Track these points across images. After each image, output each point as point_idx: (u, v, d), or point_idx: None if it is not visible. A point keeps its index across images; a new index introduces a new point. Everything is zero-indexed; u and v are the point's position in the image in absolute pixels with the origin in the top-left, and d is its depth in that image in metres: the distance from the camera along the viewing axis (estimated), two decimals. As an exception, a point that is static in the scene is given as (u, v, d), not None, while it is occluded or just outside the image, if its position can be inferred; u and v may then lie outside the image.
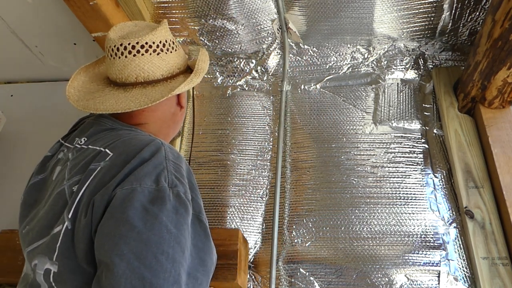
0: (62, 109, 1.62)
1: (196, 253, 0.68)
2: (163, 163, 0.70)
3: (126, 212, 0.62)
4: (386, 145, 1.32)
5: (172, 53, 0.88)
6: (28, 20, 1.44)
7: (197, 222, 0.71)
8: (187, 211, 0.67)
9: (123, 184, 0.65)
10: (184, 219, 0.66)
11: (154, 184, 0.66)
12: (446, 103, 1.33)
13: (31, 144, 1.59)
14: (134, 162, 0.68)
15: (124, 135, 0.78)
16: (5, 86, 1.80)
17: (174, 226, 0.63)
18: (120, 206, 0.63)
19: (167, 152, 0.73)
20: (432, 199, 1.21)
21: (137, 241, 0.60)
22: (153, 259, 0.59)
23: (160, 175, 0.67)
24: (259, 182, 1.34)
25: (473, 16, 1.37)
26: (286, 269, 1.18)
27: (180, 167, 0.73)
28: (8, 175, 1.53)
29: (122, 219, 0.61)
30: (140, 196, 0.64)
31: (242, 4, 1.41)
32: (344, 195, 1.25)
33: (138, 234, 0.60)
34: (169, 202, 0.65)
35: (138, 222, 0.61)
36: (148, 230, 0.61)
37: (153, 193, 0.65)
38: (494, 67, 1.11)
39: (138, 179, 0.66)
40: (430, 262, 1.12)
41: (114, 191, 0.65)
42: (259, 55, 1.59)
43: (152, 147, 0.72)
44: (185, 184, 0.70)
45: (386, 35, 1.47)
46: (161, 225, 0.62)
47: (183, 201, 0.67)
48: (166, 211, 0.64)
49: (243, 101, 1.53)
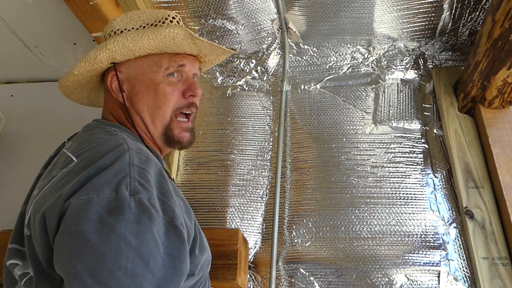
0: (62, 109, 1.63)
1: (171, 262, 0.62)
2: (126, 169, 0.65)
3: (81, 225, 0.57)
4: (386, 145, 1.32)
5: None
6: (28, 20, 1.44)
7: (172, 229, 0.64)
8: (152, 219, 0.61)
9: (78, 194, 0.60)
10: (148, 228, 0.60)
11: (114, 192, 0.61)
12: (446, 103, 1.33)
13: (31, 144, 1.59)
14: (92, 170, 0.64)
15: (95, 139, 0.75)
16: (5, 86, 1.80)
17: (134, 237, 0.58)
18: (75, 218, 0.58)
19: (132, 157, 0.67)
20: (432, 199, 1.21)
21: (91, 257, 0.55)
22: (109, 275, 0.54)
23: (121, 182, 0.62)
24: (259, 182, 1.34)
25: (473, 16, 1.37)
26: (286, 269, 1.18)
27: (146, 171, 0.67)
28: (8, 175, 1.53)
29: (76, 233, 0.57)
30: (97, 207, 0.59)
31: (242, 4, 1.41)
32: (344, 195, 1.25)
33: (92, 249, 0.55)
34: (129, 211, 0.59)
35: (93, 235, 0.56)
36: (104, 244, 0.56)
37: (112, 202, 0.60)
38: (494, 67, 1.10)
39: (96, 188, 0.61)
40: (430, 262, 1.11)
41: (69, 201, 0.60)
42: (259, 55, 1.59)
43: (116, 153, 0.67)
44: (150, 189, 0.65)
45: (386, 35, 1.47)
46: (118, 237, 0.57)
47: (147, 209, 0.61)
48: (125, 221, 0.58)
49: (243, 101, 1.53)
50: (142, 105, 0.84)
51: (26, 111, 1.69)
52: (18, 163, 1.55)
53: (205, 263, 0.79)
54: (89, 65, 0.84)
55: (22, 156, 1.57)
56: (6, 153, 1.59)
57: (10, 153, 1.59)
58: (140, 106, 0.84)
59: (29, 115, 1.68)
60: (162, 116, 0.85)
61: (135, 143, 0.74)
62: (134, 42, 0.82)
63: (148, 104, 0.84)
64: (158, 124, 0.85)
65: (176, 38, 0.83)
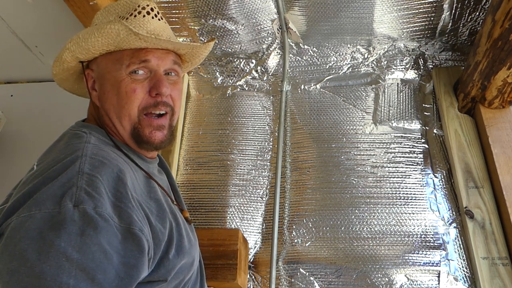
0: (62, 109, 1.62)
1: (126, 272, 0.59)
2: (73, 179, 0.61)
3: (19, 243, 0.54)
4: (386, 145, 1.32)
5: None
6: (28, 20, 1.44)
7: (129, 236, 0.61)
8: (98, 229, 0.57)
9: (21, 211, 0.57)
10: (93, 239, 0.56)
11: (57, 206, 0.57)
12: (446, 103, 1.33)
13: (31, 144, 1.59)
14: (38, 183, 0.60)
15: (58, 146, 0.72)
16: (5, 86, 1.80)
17: (77, 251, 0.54)
18: (14, 236, 0.55)
19: (82, 164, 0.63)
20: (432, 199, 1.21)
21: (30, 277, 0.52)
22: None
23: (66, 194, 0.58)
24: (259, 182, 1.34)
25: (473, 16, 1.37)
26: (286, 269, 1.18)
27: (96, 177, 0.62)
28: (8, 175, 1.53)
29: (15, 253, 0.54)
30: (39, 223, 0.55)
31: (242, 4, 1.41)
32: (344, 195, 1.25)
33: (30, 268, 0.52)
34: (71, 224, 0.56)
35: (32, 253, 0.53)
36: (42, 262, 0.53)
37: (55, 216, 0.56)
38: (494, 67, 1.11)
39: (39, 203, 0.57)
40: (430, 262, 1.12)
41: (11, 219, 0.57)
42: (259, 55, 1.59)
43: (66, 163, 0.63)
44: (97, 197, 0.60)
45: (386, 35, 1.47)
46: (57, 253, 0.53)
47: (91, 219, 0.57)
48: (66, 234, 0.55)
49: (243, 101, 1.53)
50: (109, 105, 0.78)
51: (26, 111, 1.69)
52: (18, 163, 1.56)
53: (184, 268, 0.76)
54: (60, 65, 0.81)
55: (22, 156, 1.57)
56: (6, 153, 1.59)
57: (10, 153, 1.59)
58: (107, 106, 0.79)
59: (29, 115, 1.68)
60: (128, 117, 0.77)
61: (96, 147, 0.70)
62: (85, 41, 0.76)
63: (113, 103, 0.78)
64: (125, 125, 0.78)
65: (120, 35, 0.75)
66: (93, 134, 0.75)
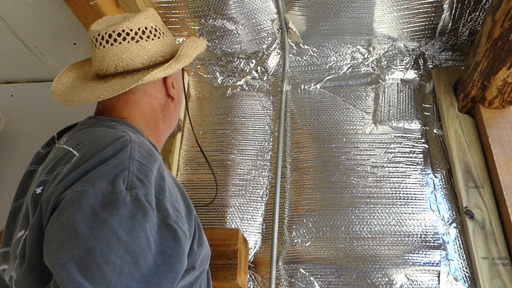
0: (62, 109, 1.62)
1: (164, 260, 0.61)
2: (125, 163, 0.63)
3: (72, 216, 0.56)
4: (386, 145, 1.32)
5: (154, 41, 0.83)
6: (28, 20, 1.44)
7: (165, 227, 0.63)
8: (146, 216, 0.60)
9: (75, 186, 0.59)
10: (141, 225, 0.59)
11: (110, 186, 0.59)
12: (446, 103, 1.33)
13: (31, 144, 1.58)
14: (92, 162, 0.62)
15: (96, 133, 0.73)
16: (5, 86, 1.79)
17: (126, 233, 0.56)
18: (68, 209, 0.57)
19: (133, 151, 0.66)
20: (432, 199, 1.21)
21: (80, 249, 0.53)
22: (96, 269, 0.52)
23: (119, 176, 0.61)
24: (259, 182, 1.34)
25: (473, 16, 1.37)
26: (286, 269, 1.18)
27: (147, 167, 0.65)
28: (8, 175, 1.53)
29: (67, 224, 0.55)
30: (91, 199, 0.57)
31: (242, 4, 1.41)
32: (344, 195, 1.25)
33: (81, 241, 0.54)
34: (124, 206, 0.58)
35: (84, 227, 0.55)
36: (94, 237, 0.54)
37: (107, 196, 0.58)
38: (494, 67, 1.11)
39: (92, 181, 0.59)
40: (430, 262, 1.12)
41: (65, 193, 0.59)
42: (259, 55, 1.59)
43: (117, 145, 0.66)
44: (148, 185, 0.63)
45: (386, 35, 1.47)
46: (110, 232, 0.55)
47: (142, 205, 0.60)
48: (118, 216, 0.57)
49: (243, 101, 1.53)
50: (175, 115, 0.93)
51: (26, 111, 1.69)
52: (18, 163, 1.55)
53: (204, 258, 0.79)
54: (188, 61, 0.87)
55: (22, 156, 1.57)
56: (6, 153, 1.59)
57: (10, 153, 1.59)
58: (172, 115, 0.92)
59: (29, 115, 1.68)
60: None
61: (137, 137, 0.73)
62: (197, 50, 0.88)
63: (178, 113, 0.94)
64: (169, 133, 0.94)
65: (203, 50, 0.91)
66: (123, 126, 0.79)
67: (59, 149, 0.75)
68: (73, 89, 0.86)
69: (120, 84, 0.78)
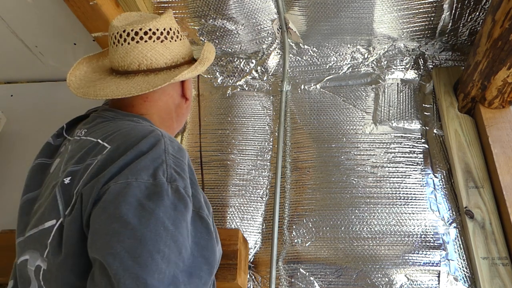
0: (62, 109, 1.62)
1: (199, 251, 0.64)
2: (162, 157, 0.66)
3: (120, 207, 0.58)
4: (386, 145, 1.32)
5: (177, 42, 0.86)
6: (28, 20, 1.44)
7: (198, 219, 0.66)
8: (187, 208, 0.63)
9: (117, 178, 0.61)
10: (183, 216, 0.62)
11: (151, 178, 0.62)
12: (446, 103, 1.33)
13: (31, 144, 1.58)
14: (130, 155, 0.64)
15: (124, 126, 0.75)
16: (5, 86, 1.79)
17: (171, 223, 0.59)
18: (114, 201, 0.59)
19: (167, 145, 0.68)
20: (432, 199, 1.21)
21: (131, 239, 0.56)
22: (149, 257, 0.55)
23: (158, 169, 0.64)
24: (259, 182, 1.34)
25: (473, 16, 1.37)
26: (286, 269, 1.18)
27: (181, 161, 0.69)
28: (8, 175, 1.53)
29: (116, 215, 0.57)
30: (136, 190, 0.60)
31: (242, 4, 1.41)
32: (344, 195, 1.25)
33: (132, 231, 0.56)
34: (167, 198, 0.61)
35: (133, 218, 0.57)
36: (144, 226, 0.57)
37: (150, 187, 0.61)
38: (494, 67, 1.11)
39: (134, 173, 0.62)
40: (430, 262, 1.12)
41: (108, 185, 0.61)
42: (259, 55, 1.59)
43: (151, 139, 0.68)
44: (185, 178, 0.66)
45: (386, 35, 1.47)
46: (157, 222, 0.58)
47: (183, 197, 0.63)
48: (163, 206, 0.59)
49: (243, 101, 1.53)
50: (184, 115, 0.96)
51: (26, 111, 1.69)
52: (18, 163, 1.55)
53: (219, 256, 0.81)
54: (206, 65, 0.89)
55: (22, 156, 1.57)
56: (6, 153, 1.59)
57: (10, 153, 1.59)
58: (183, 115, 0.95)
59: (29, 115, 1.68)
60: None
61: (165, 132, 0.76)
62: (212, 55, 0.92)
63: (186, 114, 0.97)
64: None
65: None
66: (145, 121, 0.82)
67: (82, 141, 0.76)
68: (90, 82, 0.86)
69: (147, 82, 0.79)
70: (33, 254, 0.67)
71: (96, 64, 0.96)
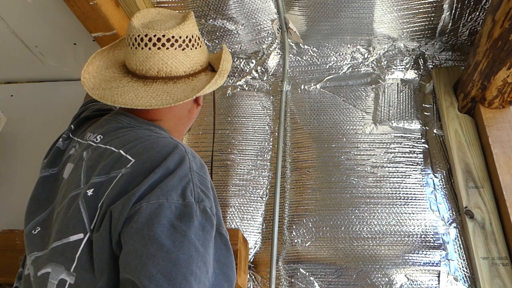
0: (62, 109, 1.63)
1: (220, 269, 0.65)
2: (188, 175, 0.66)
3: (154, 229, 0.58)
4: (386, 145, 1.32)
5: (197, 49, 0.85)
6: (28, 20, 1.44)
7: (218, 236, 0.67)
8: (212, 228, 0.64)
9: (149, 198, 0.62)
10: (210, 236, 0.64)
11: (181, 198, 0.63)
12: (446, 103, 1.33)
13: (31, 144, 1.59)
14: (159, 173, 0.65)
15: (144, 137, 0.74)
16: (5, 86, 1.79)
17: (201, 244, 0.61)
18: (147, 222, 0.59)
19: (191, 162, 0.69)
20: (432, 199, 1.21)
21: (166, 261, 0.57)
22: (183, 280, 0.56)
23: (186, 188, 0.64)
24: (259, 182, 1.34)
25: (473, 16, 1.37)
26: (286, 269, 1.18)
27: (205, 179, 0.69)
28: (8, 175, 1.53)
29: (150, 237, 0.58)
30: (167, 212, 0.60)
31: (242, 4, 1.41)
32: (344, 195, 1.25)
33: (167, 253, 0.57)
34: (196, 219, 0.62)
35: (167, 240, 0.58)
36: (177, 249, 0.58)
37: (180, 208, 0.62)
38: (494, 67, 1.11)
39: (165, 193, 0.62)
40: (430, 262, 1.12)
41: (139, 204, 0.61)
42: (259, 55, 1.59)
43: (176, 155, 0.68)
44: (210, 197, 0.67)
45: (386, 35, 1.47)
46: (189, 244, 0.59)
47: (209, 217, 0.64)
48: (194, 228, 0.60)
49: (243, 101, 1.53)
50: (192, 119, 0.95)
51: (26, 111, 1.69)
52: (18, 163, 1.55)
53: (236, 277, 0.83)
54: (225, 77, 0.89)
55: (22, 156, 1.57)
56: (6, 153, 1.59)
57: (10, 153, 1.59)
58: (192, 119, 0.95)
59: (29, 115, 1.68)
60: None
61: (185, 145, 0.77)
62: (229, 63, 0.92)
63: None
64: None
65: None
66: (162, 130, 0.82)
67: (101, 150, 0.74)
68: (105, 82, 0.84)
69: (166, 93, 0.79)
70: (55, 268, 0.66)
71: (107, 57, 0.93)
